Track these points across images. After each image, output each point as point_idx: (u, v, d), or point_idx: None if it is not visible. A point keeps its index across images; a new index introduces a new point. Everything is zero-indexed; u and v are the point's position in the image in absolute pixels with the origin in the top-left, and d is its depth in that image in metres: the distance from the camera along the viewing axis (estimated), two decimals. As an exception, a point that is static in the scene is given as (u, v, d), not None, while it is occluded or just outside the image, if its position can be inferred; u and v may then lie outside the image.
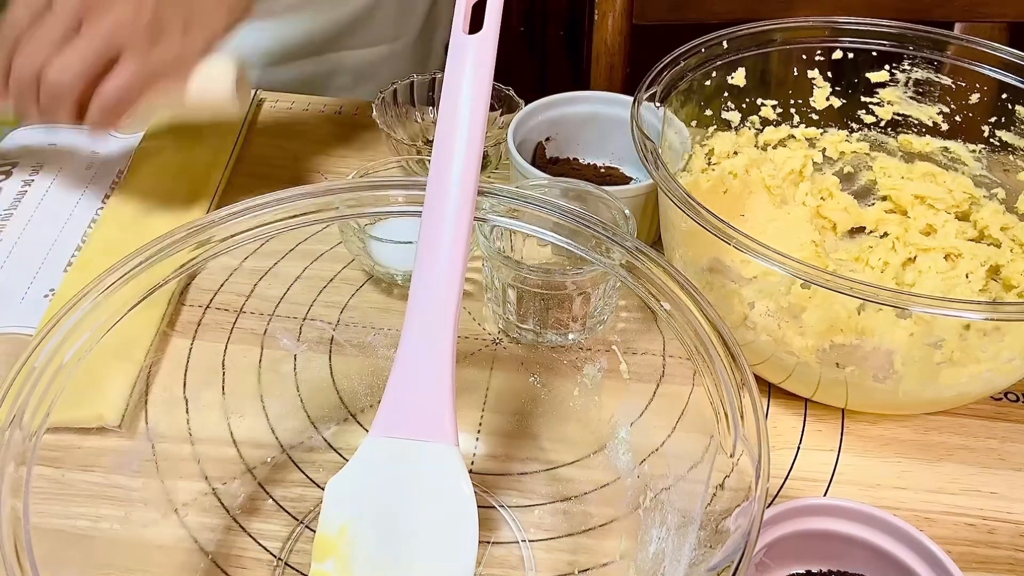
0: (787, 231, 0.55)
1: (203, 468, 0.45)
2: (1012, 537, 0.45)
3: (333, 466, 0.44)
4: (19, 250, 0.58)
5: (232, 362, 0.48)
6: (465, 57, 0.38)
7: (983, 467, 0.48)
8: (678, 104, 0.54)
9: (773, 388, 0.51)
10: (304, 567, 0.42)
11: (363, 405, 0.49)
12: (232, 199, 0.65)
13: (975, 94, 0.56)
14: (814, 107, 0.59)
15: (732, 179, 0.57)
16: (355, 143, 0.70)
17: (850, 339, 0.44)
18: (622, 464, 0.45)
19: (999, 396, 0.52)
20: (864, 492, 0.47)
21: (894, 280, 0.53)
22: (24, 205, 0.62)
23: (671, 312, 0.37)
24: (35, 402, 0.32)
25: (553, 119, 0.63)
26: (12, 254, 0.58)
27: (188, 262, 0.38)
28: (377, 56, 0.84)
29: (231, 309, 0.52)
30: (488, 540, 0.44)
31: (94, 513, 0.41)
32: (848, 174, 0.60)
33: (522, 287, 0.50)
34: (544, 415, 0.49)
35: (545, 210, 0.40)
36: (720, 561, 0.30)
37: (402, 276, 0.55)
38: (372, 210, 0.42)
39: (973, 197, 0.57)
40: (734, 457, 0.32)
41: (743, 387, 0.34)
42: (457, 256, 0.37)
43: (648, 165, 0.46)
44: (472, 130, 0.38)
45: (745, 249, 0.41)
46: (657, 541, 0.38)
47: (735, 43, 0.55)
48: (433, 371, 0.37)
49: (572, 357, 0.50)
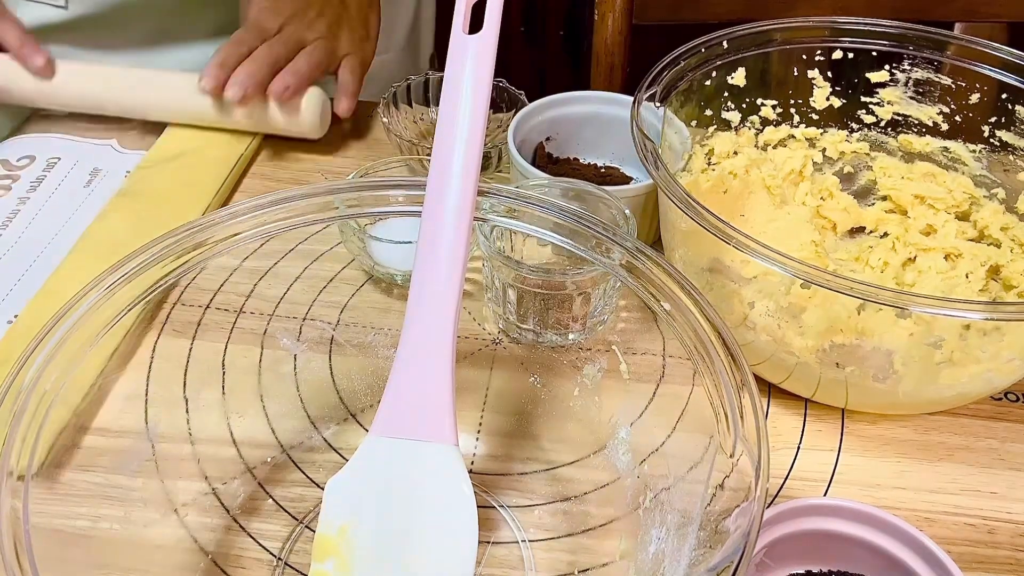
0: (787, 231, 0.55)
1: (203, 468, 0.45)
2: (1012, 537, 0.45)
3: (333, 466, 0.45)
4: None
5: (232, 362, 0.48)
6: (465, 57, 0.38)
7: (983, 467, 0.48)
8: (678, 104, 0.54)
9: (773, 388, 0.51)
10: (304, 567, 0.42)
11: (363, 405, 0.49)
12: (233, 198, 0.65)
13: (975, 94, 0.56)
14: (814, 107, 0.59)
15: (732, 179, 0.57)
16: (355, 143, 0.70)
17: (850, 339, 0.44)
18: (622, 464, 0.45)
19: (999, 396, 0.52)
20: (864, 492, 0.47)
21: (894, 280, 0.53)
22: (15, 224, 0.61)
23: (671, 312, 0.37)
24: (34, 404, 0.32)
25: (553, 119, 0.63)
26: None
27: (187, 262, 0.38)
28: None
29: (231, 309, 0.52)
30: (488, 540, 0.44)
31: (94, 513, 0.41)
32: (848, 174, 0.60)
33: (522, 287, 0.50)
34: (544, 415, 0.49)
35: (545, 210, 0.40)
36: (720, 561, 0.30)
37: (402, 276, 0.55)
38: (372, 210, 0.42)
39: (973, 197, 0.57)
40: (734, 457, 0.32)
41: (743, 387, 0.33)
42: (457, 256, 0.37)
43: (648, 165, 0.46)
44: (472, 130, 0.38)
45: (745, 249, 0.41)
46: (657, 541, 0.38)
47: (735, 43, 0.55)
48: (433, 371, 0.37)
49: (572, 357, 0.50)
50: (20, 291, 0.56)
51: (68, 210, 0.62)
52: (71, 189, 0.64)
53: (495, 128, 0.67)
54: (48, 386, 0.33)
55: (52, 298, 0.54)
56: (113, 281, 0.36)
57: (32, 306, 0.53)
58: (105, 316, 0.36)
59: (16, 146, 0.68)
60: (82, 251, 0.58)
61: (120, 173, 0.66)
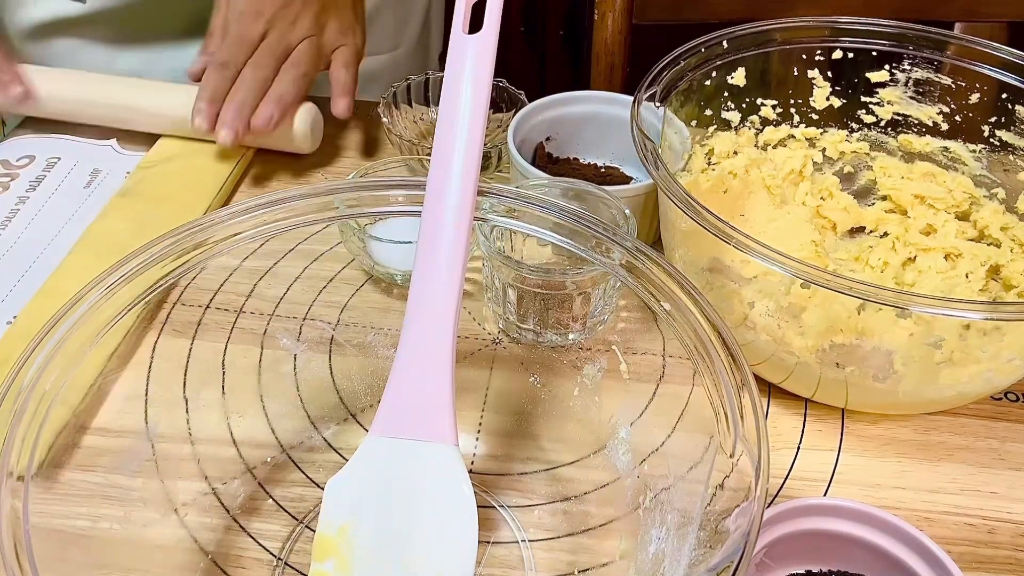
0: (787, 231, 0.55)
1: (203, 468, 0.45)
2: (1012, 537, 0.45)
3: (333, 466, 0.45)
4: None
5: (232, 362, 0.48)
6: (465, 57, 0.38)
7: (983, 467, 0.48)
8: (678, 104, 0.54)
9: (773, 388, 0.51)
10: (304, 567, 0.42)
11: (363, 405, 0.49)
12: (234, 198, 0.65)
13: (975, 94, 0.56)
14: (814, 107, 0.59)
15: (732, 179, 0.57)
16: (355, 143, 0.70)
17: (850, 339, 0.44)
18: (622, 464, 0.45)
19: (999, 396, 0.52)
20: (864, 492, 0.47)
21: (894, 280, 0.53)
22: (14, 224, 0.61)
23: (671, 312, 0.37)
24: (34, 404, 0.32)
25: (553, 119, 0.63)
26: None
27: (187, 262, 0.38)
28: (377, 64, 0.85)
29: (231, 309, 0.52)
30: (488, 540, 0.44)
31: (94, 513, 0.41)
32: (848, 174, 0.60)
33: (522, 287, 0.50)
34: (544, 415, 0.49)
35: (545, 210, 0.40)
36: (720, 561, 0.30)
37: (402, 276, 0.55)
38: (372, 210, 0.42)
39: (973, 197, 0.57)
40: (734, 457, 0.32)
41: (743, 387, 0.33)
42: (457, 256, 0.37)
43: (648, 165, 0.46)
44: (472, 130, 0.38)
45: (745, 249, 0.41)
46: (657, 541, 0.38)
47: (735, 43, 0.55)
48: (433, 371, 0.37)
49: (572, 357, 0.50)
50: (20, 291, 0.55)
51: (68, 211, 0.62)
52: (71, 189, 0.64)
53: (495, 128, 0.67)
54: (48, 386, 0.33)
55: (52, 298, 0.53)
56: (113, 281, 0.36)
57: (31, 306, 0.53)
58: (105, 316, 0.36)
59: (16, 146, 0.68)
60: (82, 251, 0.58)
61: (120, 173, 0.66)
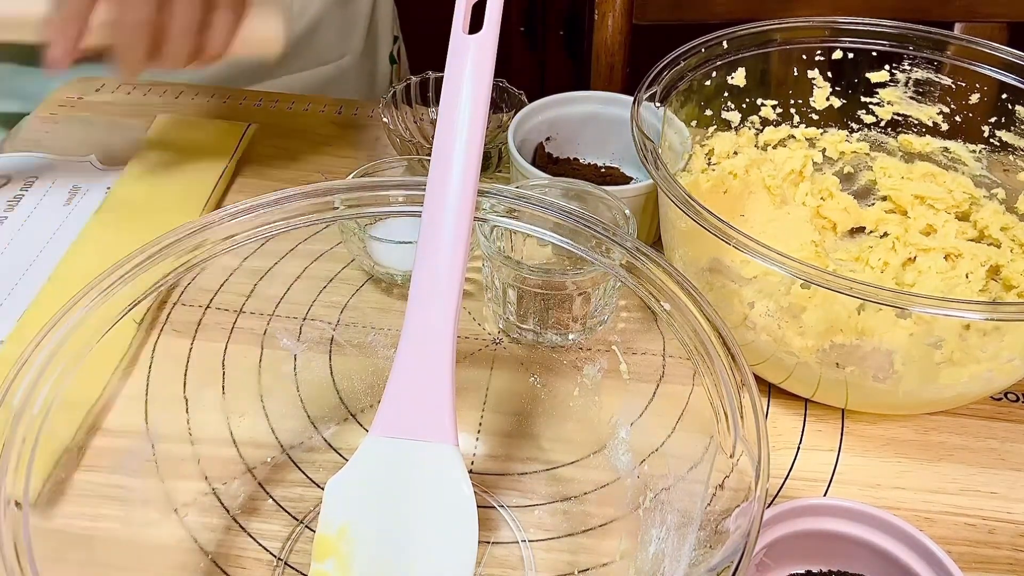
0: (787, 231, 0.55)
1: (203, 468, 0.45)
2: (1012, 537, 0.45)
3: (333, 466, 0.44)
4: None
5: (232, 362, 0.48)
6: (465, 57, 0.38)
7: (983, 467, 0.48)
8: (678, 104, 0.54)
9: (773, 388, 0.51)
10: (304, 567, 0.42)
11: (363, 405, 0.49)
12: (232, 199, 0.65)
13: (975, 94, 0.56)
14: (814, 107, 0.59)
15: (732, 179, 0.57)
16: (355, 143, 0.70)
17: (850, 339, 0.44)
18: (622, 464, 0.45)
19: (999, 396, 0.52)
20: (864, 492, 0.47)
21: (894, 280, 0.53)
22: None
23: (671, 312, 0.37)
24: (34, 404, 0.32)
25: (553, 119, 0.63)
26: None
27: (187, 262, 0.38)
28: (323, 76, 0.83)
29: (231, 309, 0.52)
30: (488, 540, 0.44)
31: (94, 513, 0.41)
32: (848, 174, 0.60)
33: (522, 287, 0.50)
34: (544, 415, 0.49)
35: (545, 210, 0.40)
36: (720, 561, 0.30)
37: (402, 276, 0.55)
38: (372, 210, 0.42)
39: (973, 197, 0.57)
40: (734, 457, 0.32)
41: (743, 387, 0.33)
42: (457, 256, 0.37)
43: (648, 165, 0.46)
44: (472, 130, 0.38)
45: (745, 249, 0.41)
46: (657, 541, 0.38)
47: (735, 43, 0.55)
48: (433, 371, 0.37)
49: (572, 357, 0.50)
50: (4, 314, 0.54)
51: (49, 230, 0.60)
52: (51, 209, 0.62)
53: (495, 128, 0.67)
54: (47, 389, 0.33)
55: (41, 313, 0.52)
56: (112, 282, 0.36)
57: (23, 323, 0.52)
58: (105, 316, 0.36)
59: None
60: (69, 266, 0.56)
61: (101, 189, 0.64)
